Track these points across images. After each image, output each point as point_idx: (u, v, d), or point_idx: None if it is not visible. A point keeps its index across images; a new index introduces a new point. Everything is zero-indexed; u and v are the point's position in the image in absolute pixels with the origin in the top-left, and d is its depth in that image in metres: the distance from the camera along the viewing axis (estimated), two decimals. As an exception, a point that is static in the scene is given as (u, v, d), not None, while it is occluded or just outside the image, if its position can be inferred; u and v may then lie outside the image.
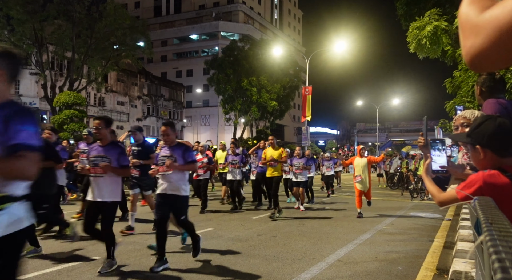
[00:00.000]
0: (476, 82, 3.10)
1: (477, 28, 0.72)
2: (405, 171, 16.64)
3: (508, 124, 1.66)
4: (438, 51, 8.04)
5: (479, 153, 1.72)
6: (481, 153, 1.71)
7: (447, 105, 9.43)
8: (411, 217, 9.38)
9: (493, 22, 0.69)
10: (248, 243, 6.05)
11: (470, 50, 0.74)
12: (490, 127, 1.66)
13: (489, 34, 0.69)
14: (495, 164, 1.67)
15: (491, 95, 2.88)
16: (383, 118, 69.44)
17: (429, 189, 2.00)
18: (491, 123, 1.68)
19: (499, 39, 0.68)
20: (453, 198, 1.75)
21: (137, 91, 46.63)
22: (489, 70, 0.83)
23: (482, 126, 1.70)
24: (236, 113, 34.27)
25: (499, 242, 0.88)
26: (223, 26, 56.97)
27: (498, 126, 1.65)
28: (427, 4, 9.53)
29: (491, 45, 0.69)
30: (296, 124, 66.53)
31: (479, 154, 1.72)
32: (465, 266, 4.14)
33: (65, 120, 19.91)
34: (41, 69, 25.81)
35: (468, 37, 0.74)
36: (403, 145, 63.40)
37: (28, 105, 34.63)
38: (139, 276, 4.35)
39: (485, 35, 0.70)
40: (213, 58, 35.72)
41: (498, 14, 0.67)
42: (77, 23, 25.19)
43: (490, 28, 0.69)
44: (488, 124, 1.68)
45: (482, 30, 0.70)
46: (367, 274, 4.59)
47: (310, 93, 30.12)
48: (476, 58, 0.73)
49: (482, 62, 0.73)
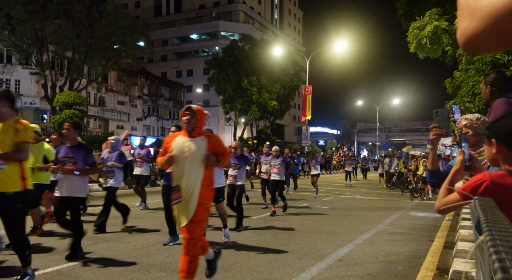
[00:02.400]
0: (484, 81, 3.07)
1: (474, 11, 0.76)
2: (406, 171, 16.62)
3: None
4: (439, 51, 8.04)
5: (493, 147, 1.69)
6: (495, 147, 1.66)
7: (447, 105, 9.42)
8: (411, 217, 9.38)
9: (489, 6, 0.72)
10: (248, 243, 6.05)
11: (465, 32, 0.78)
12: (510, 123, 1.61)
13: (484, 17, 0.73)
14: (508, 160, 1.63)
15: (502, 94, 2.85)
16: (383, 118, 69.46)
17: (441, 191, 1.85)
18: (511, 118, 1.63)
19: (493, 23, 0.72)
20: (455, 199, 1.71)
21: (137, 91, 46.63)
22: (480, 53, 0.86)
23: (502, 120, 1.65)
24: (236, 113, 34.27)
25: (499, 242, 0.88)
26: (223, 26, 56.98)
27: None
28: (427, 4, 9.52)
29: (485, 28, 0.73)
30: (296, 124, 66.53)
31: (493, 149, 1.69)
32: (465, 266, 4.14)
33: (65, 120, 19.87)
34: (42, 69, 25.82)
35: (465, 20, 0.78)
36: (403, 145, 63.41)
37: (28, 104, 34.64)
38: (139, 276, 4.34)
39: (481, 18, 0.74)
40: (213, 58, 35.72)
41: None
42: (78, 23, 25.20)
43: (486, 12, 0.73)
44: (509, 119, 1.63)
45: (479, 14, 0.74)
46: (367, 274, 4.59)
47: (310, 93, 30.12)
48: (469, 40, 0.78)
49: (474, 44, 0.78)
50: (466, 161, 1.87)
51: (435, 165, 2.59)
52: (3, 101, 3.61)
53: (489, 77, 2.99)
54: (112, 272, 4.42)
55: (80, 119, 21.65)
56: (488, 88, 2.97)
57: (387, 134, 74.45)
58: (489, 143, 1.71)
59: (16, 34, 24.07)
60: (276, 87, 33.80)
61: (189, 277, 3.35)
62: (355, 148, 74.65)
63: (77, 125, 5.05)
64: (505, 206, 1.51)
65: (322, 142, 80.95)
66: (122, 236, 6.28)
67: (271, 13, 68.53)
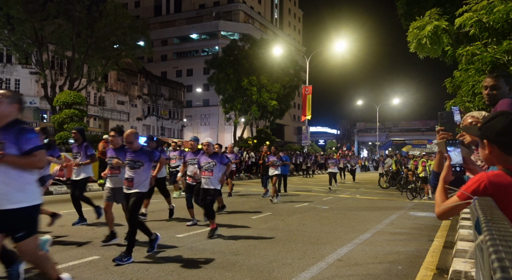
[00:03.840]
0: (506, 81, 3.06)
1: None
2: (405, 170, 16.62)
3: None
4: (439, 51, 8.03)
5: (486, 148, 1.69)
6: (487, 148, 1.67)
7: (447, 105, 9.41)
8: (411, 217, 9.39)
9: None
10: (248, 243, 6.05)
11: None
12: (501, 123, 1.62)
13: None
14: (502, 160, 1.64)
15: None
16: (383, 118, 69.42)
17: (436, 196, 1.85)
18: (502, 119, 1.63)
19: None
20: (455, 202, 1.71)
21: (137, 91, 46.62)
22: None
23: (493, 120, 1.66)
24: (236, 113, 34.24)
25: (499, 242, 0.88)
26: (223, 25, 56.95)
27: (509, 123, 1.60)
28: (427, 4, 9.52)
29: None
30: (296, 123, 66.51)
31: (485, 149, 1.69)
32: (465, 266, 4.14)
33: (65, 120, 19.89)
34: (41, 68, 25.81)
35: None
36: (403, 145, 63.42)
37: (28, 104, 34.63)
38: (139, 275, 4.35)
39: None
40: (213, 58, 35.68)
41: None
42: (77, 23, 25.19)
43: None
44: (500, 119, 1.64)
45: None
46: (367, 274, 4.60)
47: (310, 92, 30.14)
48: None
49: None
50: (458, 166, 1.86)
51: (441, 167, 2.60)
52: None
53: None
54: (112, 272, 4.42)
55: (80, 119, 21.66)
56: None
57: (387, 133, 74.43)
58: (482, 143, 1.72)
59: (16, 34, 24.06)
60: (276, 87, 33.78)
61: None
62: (355, 147, 74.66)
63: None
64: (504, 205, 1.51)
65: (322, 141, 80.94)
66: (121, 236, 6.28)
67: (271, 12, 68.50)
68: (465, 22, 6.70)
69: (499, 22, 6.25)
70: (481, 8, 6.46)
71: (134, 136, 5.22)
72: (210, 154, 6.80)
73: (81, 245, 5.60)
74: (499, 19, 6.20)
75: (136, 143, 5.25)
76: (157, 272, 4.46)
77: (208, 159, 6.75)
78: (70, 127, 19.15)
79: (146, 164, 5.19)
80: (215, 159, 6.75)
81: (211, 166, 6.69)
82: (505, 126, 1.60)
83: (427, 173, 13.48)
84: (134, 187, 5.10)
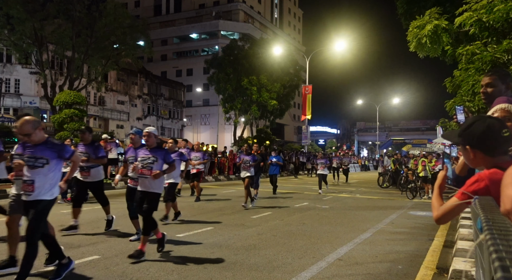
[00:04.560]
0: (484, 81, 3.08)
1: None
2: (406, 170, 16.62)
3: (497, 125, 1.66)
4: (438, 50, 8.03)
5: (469, 153, 1.74)
6: (471, 154, 1.73)
7: (447, 104, 9.42)
8: (411, 216, 9.39)
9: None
10: (248, 242, 6.05)
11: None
12: (480, 129, 1.67)
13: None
14: (488, 162, 1.69)
15: None
16: (383, 117, 69.42)
17: (433, 202, 1.86)
18: (480, 124, 1.68)
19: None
20: (454, 203, 1.72)
21: (137, 90, 46.62)
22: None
23: (472, 127, 1.71)
24: (236, 112, 34.24)
25: (499, 241, 0.88)
26: (223, 25, 56.94)
27: (487, 128, 1.66)
28: (427, 3, 9.52)
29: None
30: (296, 123, 66.51)
31: (469, 154, 1.74)
32: (465, 265, 4.14)
33: (65, 119, 19.85)
34: (41, 68, 25.80)
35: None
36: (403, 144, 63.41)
37: (28, 104, 34.64)
38: (139, 275, 4.35)
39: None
40: (213, 57, 35.70)
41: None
42: (77, 22, 25.17)
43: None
44: (478, 125, 1.69)
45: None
46: (367, 273, 4.60)
47: (310, 92, 30.13)
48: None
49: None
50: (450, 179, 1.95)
51: (462, 171, 2.69)
52: None
53: None
54: (112, 271, 4.42)
55: (80, 119, 21.65)
56: None
57: (387, 133, 74.45)
58: (465, 149, 1.76)
59: (15, 34, 24.04)
60: (276, 87, 33.77)
61: None
62: (355, 147, 74.67)
63: None
64: None
65: (322, 141, 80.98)
66: (121, 236, 6.29)
67: (271, 12, 68.47)
68: (465, 22, 6.70)
69: (499, 22, 6.25)
70: (481, 7, 6.46)
71: (31, 126, 3.82)
72: (151, 147, 5.29)
73: (81, 245, 5.60)
74: (499, 19, 6.20)
75: (38, 135, 3.89)
76: (157, 271, 4.46)
77: (148, 154, 5.23)
78: (70, 127, 19.14)
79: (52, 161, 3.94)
80: (157, 155, 5.22)
81: (151, 162, 5.17)
82: (484, 131, 1.66)
83: (427, 173, 13.49)
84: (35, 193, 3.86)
